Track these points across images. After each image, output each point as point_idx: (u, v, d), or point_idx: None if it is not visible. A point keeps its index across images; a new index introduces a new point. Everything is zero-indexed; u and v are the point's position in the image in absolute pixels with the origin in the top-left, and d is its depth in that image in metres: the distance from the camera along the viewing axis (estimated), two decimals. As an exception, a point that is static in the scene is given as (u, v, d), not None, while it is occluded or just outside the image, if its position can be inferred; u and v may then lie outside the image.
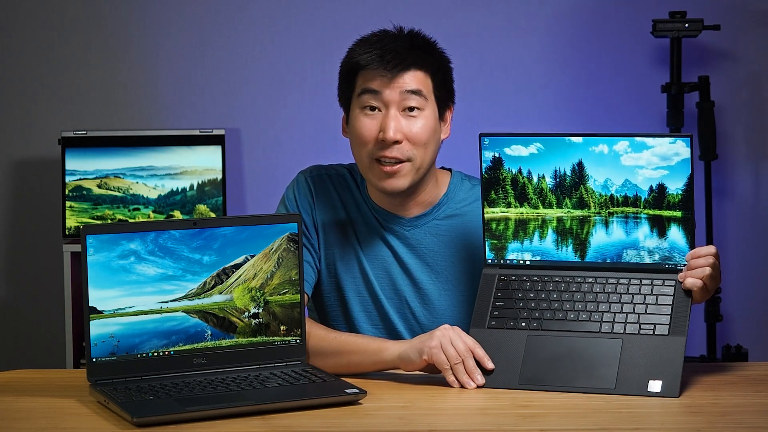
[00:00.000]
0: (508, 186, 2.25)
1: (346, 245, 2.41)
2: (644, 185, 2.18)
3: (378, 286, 2.39)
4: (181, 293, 2.15)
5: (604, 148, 2.20)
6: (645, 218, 2.18)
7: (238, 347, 2.17)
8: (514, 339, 2.17)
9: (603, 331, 2.14)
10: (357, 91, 2.32)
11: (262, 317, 2.19)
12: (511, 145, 2.25)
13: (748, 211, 4.02)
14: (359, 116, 2.32)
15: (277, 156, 4.01)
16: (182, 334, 2.15)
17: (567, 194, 2.22)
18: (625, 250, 2.20)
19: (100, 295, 2.10)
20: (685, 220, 2.16)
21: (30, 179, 4.05)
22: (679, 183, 2.16)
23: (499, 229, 2.26)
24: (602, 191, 2.21)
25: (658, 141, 2.17)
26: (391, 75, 2.29)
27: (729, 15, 3.95)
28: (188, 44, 4.01)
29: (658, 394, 2.04)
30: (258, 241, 2.19)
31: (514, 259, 2.26)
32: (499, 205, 2.26)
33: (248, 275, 2.19)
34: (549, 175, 2.23)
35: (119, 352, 2.11)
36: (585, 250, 2.22)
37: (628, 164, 2.19)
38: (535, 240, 2.24)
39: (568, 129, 4.00)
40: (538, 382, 2.11)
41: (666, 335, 2.10)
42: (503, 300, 2.22)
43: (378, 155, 2.31)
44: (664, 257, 2.18)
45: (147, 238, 2.12)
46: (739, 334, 4.00)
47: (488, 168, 2.26)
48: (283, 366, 2.18)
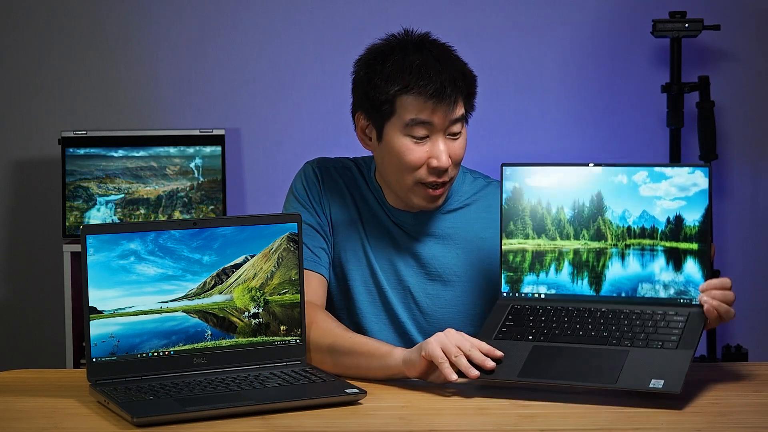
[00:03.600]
0: (527, 217, 2.25)
1: (353, 236, 2.43)
2: (662, 216, 2.17)
3: (383, 277, 2.41)
4: (181, 293, 2.15)
5: (623, 178, 2.20)
6: (661, 250, 2.17)
7: (238, 347, 2.17)
8: (519, 347, 2.15)
9: (610, 343, 2.12)
10: (403, 118, 2.31)
11: (262, 317, 2.19)
12: (531, 175, 2.25)
13: (748, 211, 4.02)
14: (407, 143, 2.33)
15: (277, 156, 4.01)
16: (182, 334, 2.15)
17: (585, 225, 2.22)
18: (641, 284, 2.19)
19: (100, 295, 2.10)
20: (701, 253, 2.15)
21: (30, 179, 4.05)
22: (696, 214, 2.15)
23: (516, 261, 2.26)
24: (620, 223, 2.20)
25: (677, 171, 2.16)
26: (448, 109, 2.31)
27: (729, 15, 3.95)
28: (188, 44, 4.01)
29: (660, 389, 2.02)
30: (258, 241, 2.19)
31: (529, 292, 2.25)
32: (517, 236, 2.26)
33: (248, 275, 2.19)
34: (568, 206, 2.23)
35: (119, 352, 2.11)
36: (600, 283, 2.21)
37: (646, 195, 2.18)
38: (551, 273, 2.24)
39: (568, 128, 4.02)
40: (538, 376, 2.09)
41: (674, 349, 2.08)
42: (513, 321, 2.21)
43: (428, 180, 2.34)
44: (679, 291, 2.16)
45: (147, 238, 2.12)
46: (739, 334, 4.00)
47: (508, 199, 2.26)
48: (283, 366, 2.18)
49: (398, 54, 2.33)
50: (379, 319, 2.42)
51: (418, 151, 2.32)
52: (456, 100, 2.32)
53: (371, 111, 2.35)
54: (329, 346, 2.23)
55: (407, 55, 2.32)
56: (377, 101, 2.33)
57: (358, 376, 2.20)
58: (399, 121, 2.32)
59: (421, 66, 2.31)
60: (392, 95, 2.31)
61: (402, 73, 2.31)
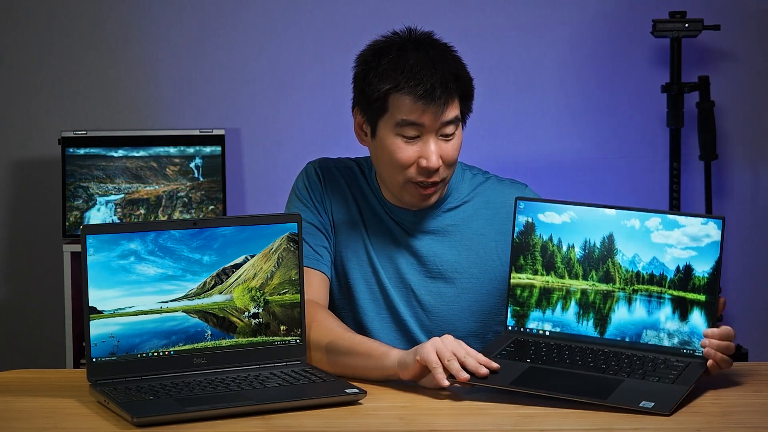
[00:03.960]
0: (537, 253, 2.25)
1: (355, 235, 2.43)
2: (671, 265, 2.16)
3: (385, 275, 2.41)
4: (181, 293, 2.15)
5: (636, 222, 2.19)
6: (668, 299, 2.16)
7: (238, 347, 2.17)
8: (516, 365, 2.15)
9: (607, 373, 2.11)
10: (395, 116, 2.31)
11: (262, 317, 2.19)
12: (545, 211, 2.25)
13: (748, 211, 4.02)
14: (397, 143, 2.33)
15: (277, 156, 4.01)
16: (182, 334, 2.15)
17: (594, 266, 2.21)
18: (645, 330, 2.18)
19: (100, 295, 2.10)
20: (709, 305, 2.14)
21: (30, 179, 4.05)
22: (706, 266, 2.14)
23: (523, 295, 2.26)
24: (629, 267, 2.19)
25: (690, 220, 2.15)
26: (439, 110, 2.30)
27: (729, 15, 3.95)
28: (188, 44, 4.01)
29: (649, 408, 1.99)
30: (258, 241, 2.19)
31: (534, 328, 2.25)
32: (526, 271, 2.26)
33: (248, 275, 2.19)
34: (579, 245, 2.23)
35: (119, 352, 2.11)
36: (605, 326, 2.20)
37: (657, 241, 2.17)
38: (557, 311, 2.23)
39: (568, 128, 4.02)
40: (530, 386, 2.07)
41: (670, 384, 2.07)
42: (514, 348, 2.21)
43: (417, 180, 2.34)
44: (683, 341, 2.15)
45: (147, 238, 2.12)
46: (739, 334, 3.99)
47: (520, 232, 2.26)
48: (283, 366, 2.18)
49: (395, 52, 2.33)
50: (381, 318, 2.42)
51: (408, 151, 2.32)
52: (447, 102, 2.31)
53: (366, 107, 2.36)
54: (327, 345, 2.23)
55: (403, 54, 2.32)
56: (371, 98, 2.33)
57: (355, 376, 2.20)
58: (391, 120, 2.32)
59: (414, 66, 2.30)
60: (383, 93, 2.31)
61: (394, 72, 2.31)
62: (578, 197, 3.99)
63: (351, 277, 2.43)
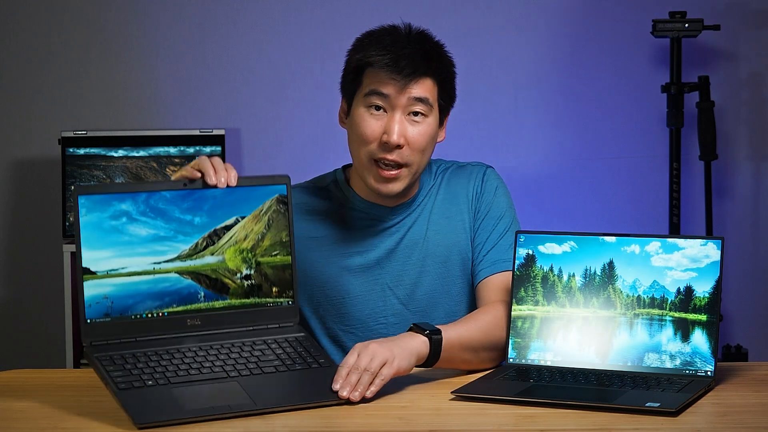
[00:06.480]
0: (538, 284, 2.25)
1: (327, 250, 2.42)
2: (672, 287, 2.17)
3: (362, 280, 2.41)
4: (174, 254, 2.15)
5: (636, 248, 2.19)
6: (670, 321, 2.16)
7: (231, 308, 2.18)
8: (518, 384, 2.14)
9: (612, 387, 2.10)
10: (364, 89, 2.33)
11: (254, 278, 2.20)
12: (545, 242, 2.25)
13: (748, 211, 4.02)
14: (364, 115, 2.33)
15: (277, 156, 4.01)
16: (175, 295, 2.14)
17: (595, 294, 2.21)
18: (647, 354, 2.17)
19: (94, 256, 2.09)
20: (710, 325, 2.14)
21: (30, 179, 4.05)
22: (706, 286, 2.14)
23: (524, 327, 2.25)
24: (630, 292, 2.19)
25: (690, 243, 2.16)
26: (404, 82, 2.30)
27: (729, 15, 3.96)
28: (188, 44, 4.01)
29: (656, 407, 1.99)
30: (248, 203, 2.19)
31: (536, 359, 2.24)
32: (527, 302, 2.25)
33: (239, 237, 2.19)
34: (579, 274, 2.23)
35: (113, 313, 2.10)
36: (607, 353, 2.19)
37: (658, 265, 2.17)
38: (558, 340, 2.22)
39: (568, 128, 4.02)
40: (533, 396, 2.06)
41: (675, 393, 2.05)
42: (515, 373, 2.20)
43: (378, 156, 2.33)
44: (686, 362, 2.15)
45: (138, 199, 2.12)
46: (739, 334, 4.00)
47: (521, 265, 2.26)
48: (276, 329, 2.19)
49: (381, 34, 2.36)
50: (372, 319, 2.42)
51: (373, 124, 2.32)
52: (415, 77, 2.30)
53: (345, 86, 2.38)
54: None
55: (387, 35, 2.35)
56: (347, 70, 2.36)
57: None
58: (361, 93, 2.34)
59: (393, 40, 2.33)
60: (356, 65, 2.33)
61: (369, 45, 2.34)
62: (578, 197, 4.00)
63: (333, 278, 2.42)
